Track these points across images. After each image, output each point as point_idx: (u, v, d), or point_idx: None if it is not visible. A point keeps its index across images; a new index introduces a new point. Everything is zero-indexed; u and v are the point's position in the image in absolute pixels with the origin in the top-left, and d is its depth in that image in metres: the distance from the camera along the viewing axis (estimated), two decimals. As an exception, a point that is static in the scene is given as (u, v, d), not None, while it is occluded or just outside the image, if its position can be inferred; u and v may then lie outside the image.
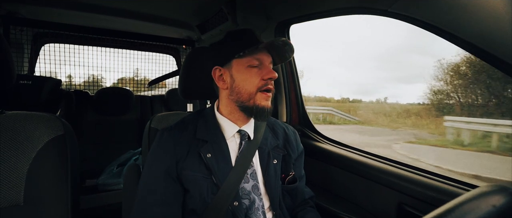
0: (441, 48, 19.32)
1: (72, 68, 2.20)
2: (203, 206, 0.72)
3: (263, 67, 0.78)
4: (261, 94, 0.77)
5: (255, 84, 0.77)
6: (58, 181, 0.79)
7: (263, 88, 0.77)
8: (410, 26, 0.76)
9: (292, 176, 0.86)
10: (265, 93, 0.77)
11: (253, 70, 0.77)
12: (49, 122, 0.81)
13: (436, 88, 10.07)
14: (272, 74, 0.76)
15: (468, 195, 0.35)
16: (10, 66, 0.77)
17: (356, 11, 0.96)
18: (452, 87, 9.81)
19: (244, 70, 0.78)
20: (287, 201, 0.85)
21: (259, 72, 0.77)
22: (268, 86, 0.77)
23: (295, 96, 1.43)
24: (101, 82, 2.71)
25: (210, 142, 0.78)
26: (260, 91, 0.77)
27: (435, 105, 10.38)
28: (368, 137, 7.51)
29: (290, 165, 0.88)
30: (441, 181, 0.79)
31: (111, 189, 1.81)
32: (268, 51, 0.80)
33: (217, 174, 0.74)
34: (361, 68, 36.40)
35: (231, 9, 1.43)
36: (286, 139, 0.91)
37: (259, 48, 0.77)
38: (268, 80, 0.77)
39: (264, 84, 0.77)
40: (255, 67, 0.78)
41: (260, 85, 0.77)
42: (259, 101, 0.77)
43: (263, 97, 0.77)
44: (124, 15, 1.75)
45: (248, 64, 0.77)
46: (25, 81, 1.64)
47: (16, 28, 1.83)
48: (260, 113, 0.78)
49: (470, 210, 0.32)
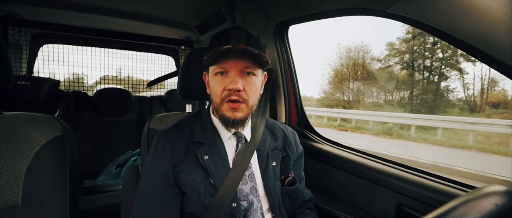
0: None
1: (57, 67, 2.17)
2: (202, 208, 0.72)
3: (228, 75, 0.73)
4: (226, 105, 0.73)
5: (218, 94, 0.74)
6: (57, 182, 0.79)
7: (227, 99, 0.72)
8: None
9: (292, 178, 0.86)
10: (230, 104, 0.73)
11: (219, 79, 0.74)
12: (47, 123, 0.81)
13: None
14: (233, 85, 0.70)
15: (467, 197, 0.35)
16: (8, 67, 0.77)
17: (355, 12, 0.96)
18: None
19: (213, 77, 0.75)
20: (287, 203, 0.85)
21: (223, 81, 0.73)
22: (231, 98, 0.72)
23: (294, 97, 1.43)
24: (84, 81, 2.62)
25: (207, 144, 0.77)
26: (225, 102, 0.73)
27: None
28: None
29: (290, 166, 0.87)
30: (440, 182, 0.79)
31: (110, 190, 1.81)
32: (243, 56, 0.72)
33: (215, 176, 0.74)
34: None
35: (230, 10, 1.43)
36: (285, 140, 0.90)
37: (225, 55, 0.71)
38: (230, 91, 0.71)
39: (227, 95, 0.72)
40: (221, 75, 0.73)
41: (223, 96, 0.73)
42: (225, 111, 0.74)
43: (228, 108, 0.73)
44: (122, 16, 1.75)
45: (215, 72, 0.74)
46: (23, 82, 1.63)
47: (14, 29, 1.83)
48: (226, 123, 0.76)
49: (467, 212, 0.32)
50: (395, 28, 30.00)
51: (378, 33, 29.71)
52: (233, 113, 0.73)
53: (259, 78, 0.78)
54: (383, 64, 16.85)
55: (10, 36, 1.80)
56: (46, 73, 2.14)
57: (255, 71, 0.75)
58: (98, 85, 2.59)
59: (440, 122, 7.98)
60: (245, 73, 0.73)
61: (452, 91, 13.80)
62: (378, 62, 16.92)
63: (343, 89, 17.29)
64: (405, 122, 8.77)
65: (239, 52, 0.70)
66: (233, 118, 0.73)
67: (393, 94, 15.87)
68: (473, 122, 7.09)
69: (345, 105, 16.23)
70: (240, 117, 0.74)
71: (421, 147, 7.37)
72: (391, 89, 15.85)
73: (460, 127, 7.31)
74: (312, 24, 6.70)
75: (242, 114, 0.74)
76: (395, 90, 15.72)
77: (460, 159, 5.58)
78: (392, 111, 12.11)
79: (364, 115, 10.50)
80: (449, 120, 8.10)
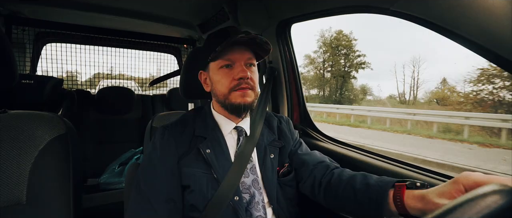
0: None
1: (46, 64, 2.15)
2: (204, 201, 0.73)
3: (234, 67, 0.78)
4: (235, 93, 0.78)
5: (226, 85, 0.78)
6: (60, 180, 0.80)
7: (236, 88, 0.77)
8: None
9: (286, 168, 0.86)
10: (240, 91, 0.78)
11: (225, 71, 0.79)
12: (51, 121, 0.81)
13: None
14: (242, 73, 0.76)
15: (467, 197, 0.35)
16: (12, 65, 0.78)
17: (358, 10, 0.96)
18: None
19: (217, 71, 0.80)
20: (289, 193, 0.84)
21: (230, 73, 0.78)
22: (241, 86, 0.77)
23: (296, 95, 1.43)
24: (77, 79, 2.62)
25: (209, 138, 0.80)
26: (233, 90, 0.78)
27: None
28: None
29: (286, 156, 0.88)
30: (443, 180, 0.79)
31: (113, 188, 1.82)
32: (247, 47, 0.80)
33: (217, 169, 0.75)
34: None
35: (232, 8, 1.43)
36: (280, 131, 0.93)
37: (229, 47, 0.76)
38: (240, 80, 0.77)
39: (236, 84, 0.77)
40: (227, 68, 0.79)
41: (232, 86, 0.78)
42: (234, 99, 0.78)
43: (238, 95, 0.78)
44: (125, 15, 1.76)
45: (220, 66, 0.79)
46: (27, 81, 1.65)
47: (18, 27, 1.84)
48: (236, 110, 0.79)
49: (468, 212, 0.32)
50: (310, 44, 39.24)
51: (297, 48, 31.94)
52: (243, 98, 0.78)
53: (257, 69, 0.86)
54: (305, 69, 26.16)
55: (14, 35, 1.81)
56: (39, 72, 2.15)
57: (255, 62, 0.83)
58: (102, 82, 2.58)
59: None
60: (248, 65, 0.80)
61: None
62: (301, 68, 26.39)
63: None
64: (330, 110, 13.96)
65: (248, 40, 0.77)
66: (244, 103, 0.78)
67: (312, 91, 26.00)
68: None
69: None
70: (250, 102, 0.79)
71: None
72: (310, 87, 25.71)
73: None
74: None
75: (251, 98, 0.79)
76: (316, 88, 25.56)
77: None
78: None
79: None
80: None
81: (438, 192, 0.52)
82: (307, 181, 0.82)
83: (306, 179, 0.83)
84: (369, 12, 0.91)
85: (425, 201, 0.52)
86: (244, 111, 0.80)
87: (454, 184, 0.50)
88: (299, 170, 0.86)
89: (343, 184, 0.72)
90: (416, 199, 0.54)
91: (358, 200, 0.67)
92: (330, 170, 0.81)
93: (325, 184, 0.77)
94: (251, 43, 0.80)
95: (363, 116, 12.16)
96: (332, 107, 13.91)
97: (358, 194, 0.67)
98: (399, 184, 0.59)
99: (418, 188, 0.57)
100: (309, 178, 0.82)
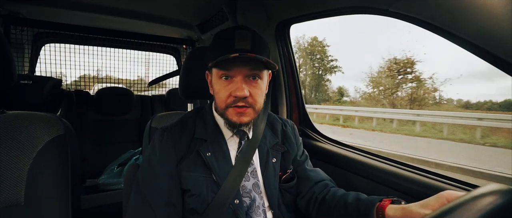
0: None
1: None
2: (204, 204, 0.72)
3: (233, 80, 0.70)
4: (232, 110, 0.72)
5: (223, 100, 0.72)
6: (59, 181, 0.79)
7: (233, 105, 0.71)
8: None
9: (290, 174, 0.85)
10: (236, 109, 0.71)
11: (224, 83, 0.71)
12: (49, 122, 0.81)
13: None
14: (239, 92, 0.68)
15: (467, 196, 0.35)
16: (11, 66, 0.78)
17: (357, 10, 0.96)
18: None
19: (217, 81, 0.73)
20: (288, 199, 0.83)
21: (229, 86, 0.70)
22: (237, 104, 0.70)
23: (295, 96, 1.43)
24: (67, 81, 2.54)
25: (210, 141, 0.77)
26: (230, 107, 0.71)
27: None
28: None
29: (289, 161, 0.86)
30: (442, 181, 0.79)
31: (112, 188, 1.82)
32: (249, 62, 0.69)
33: (217, 173, 0.73)
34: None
35: (232, 8, 1.43)
36: (285, 135, 0.90)
37: (226, 60, 0.66)
38: (237, 98, 0.69)
39: (233, 101, 0.70)
40: (226, 79, 0.71)
41: (228, 102, 0.71)
42: (230, 116, 0.72)
43: (234, 113, 0.72)
44: (124, 15, 1.76)
45: (219, 75, 0.71)
46: (25, 81, 1.64)
47: (16, 28, 1.84)
48: (231, 126, 0.75)
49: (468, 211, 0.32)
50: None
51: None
52: (239, 118, 0.72)
53: (265, 80, 0.76)
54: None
55: (13, 35, 1.80)
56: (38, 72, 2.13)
57: (260, 74, 0.72)
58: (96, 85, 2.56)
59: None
60: (250, 78, 0.71)
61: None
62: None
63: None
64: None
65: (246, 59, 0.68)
66: (239, 122, 0.73)
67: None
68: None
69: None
70: (247, 121, 0.73)
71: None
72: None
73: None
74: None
75: (249, 118, 0.73)
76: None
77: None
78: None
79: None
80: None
81: (421, 204, 0.55)
82: (306, 196, 0.83)
83: (305, 194, 0.83)
84: (368, 13, 0.91)
85: (405, 211, 0.56)
86: (240, 128, 0.76)
87: (438, 198, 0.53)
88: (301, 183, 0.86)
89: (336, 199, 0.75)
90: (397, 210, 0.58)
91: (348, 213, 0.70)
92: (327, 188, 0.82)
93: (320, 199, 0.79)
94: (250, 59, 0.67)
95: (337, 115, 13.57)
96: (335, 109, 14.29)
97: (348, 207, 0.70)
98: (386, 199, 0.64)
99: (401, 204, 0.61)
100: (308, 193, 0.83)
